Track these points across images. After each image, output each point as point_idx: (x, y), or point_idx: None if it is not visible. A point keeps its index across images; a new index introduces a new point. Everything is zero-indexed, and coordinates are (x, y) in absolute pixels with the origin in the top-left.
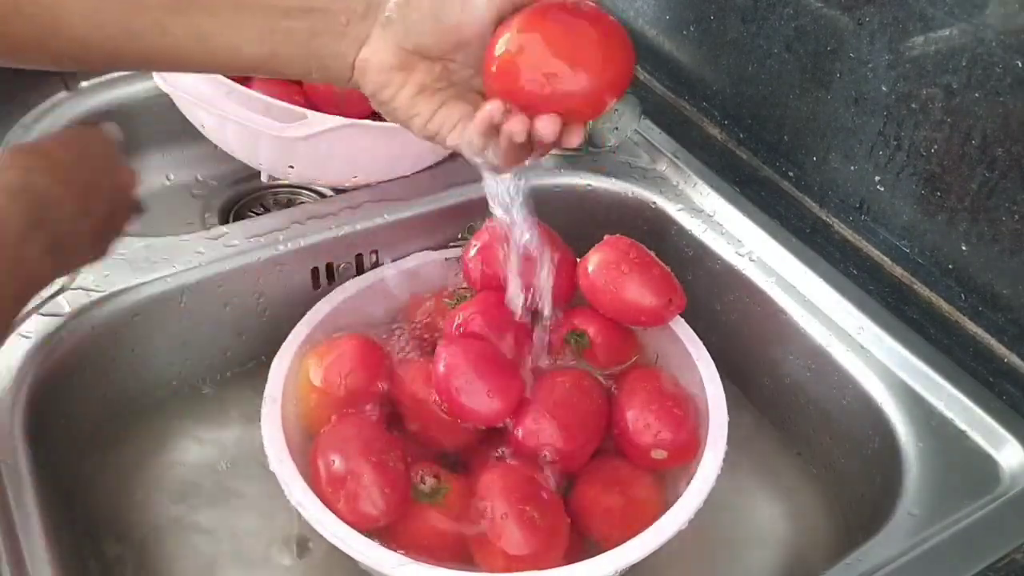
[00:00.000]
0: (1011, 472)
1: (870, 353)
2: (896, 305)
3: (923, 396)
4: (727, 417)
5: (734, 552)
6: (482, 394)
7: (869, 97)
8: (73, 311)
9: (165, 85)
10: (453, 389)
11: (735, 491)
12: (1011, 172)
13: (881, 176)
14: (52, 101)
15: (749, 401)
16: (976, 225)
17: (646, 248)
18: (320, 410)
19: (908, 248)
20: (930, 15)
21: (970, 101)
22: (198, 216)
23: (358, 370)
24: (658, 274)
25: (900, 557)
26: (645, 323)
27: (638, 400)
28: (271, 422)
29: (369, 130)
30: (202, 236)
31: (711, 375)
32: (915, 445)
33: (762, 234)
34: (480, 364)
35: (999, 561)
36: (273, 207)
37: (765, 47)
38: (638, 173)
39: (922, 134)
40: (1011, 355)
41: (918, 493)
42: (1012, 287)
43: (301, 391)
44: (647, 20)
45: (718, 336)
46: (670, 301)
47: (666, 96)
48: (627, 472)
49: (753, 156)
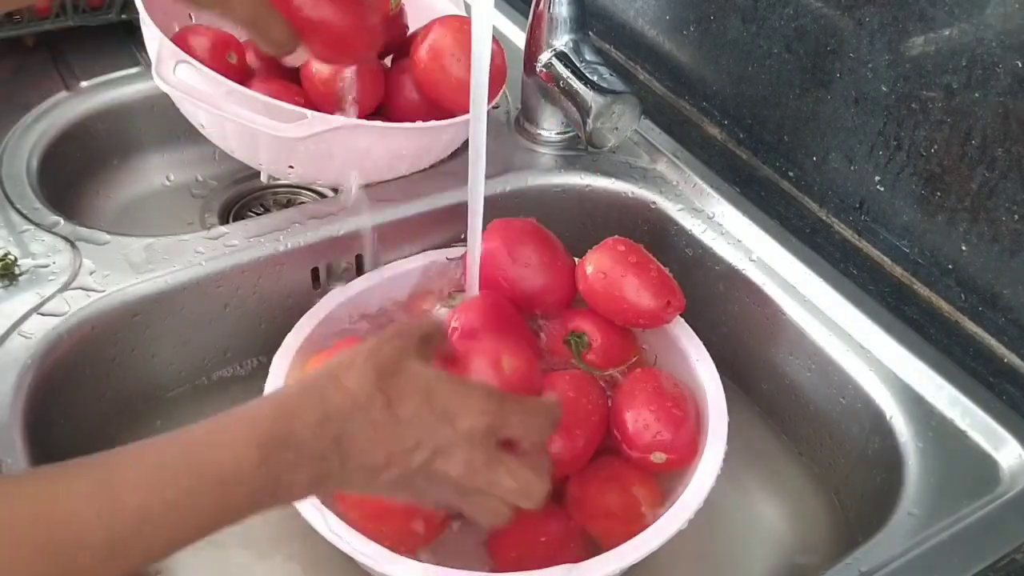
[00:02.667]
0: (1011, 472)
1: (870, 353)
2: (896, 305)
3: (923, 396)
4: (727, 417)
5: (734, 552)
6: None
7: (869, 97)
8: (73, 311)
9: (164, 85)
10: None
11: (735, 491)
12: (1011, 172)
13: (881, 176)
14: (52, 101)
15: (749, 401)
16: (976, 225)
17: (645, 249)
18: None
19: (908, 248)
20: (930, 15)
21: (970, 101)
22: (198, 216)
23: None
24: (656, 276)
25: (900, 557)
26: (644, 325)
27: (637, 401)
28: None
29: (369, 130)
30: (202, 236)
31: (711, 375)
32: (915, 445)
33: (762, 234)
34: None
35: (999, 561)
36: (273, 207)
37: (765, 47)
38: (638, 173)
39: (922, 134)
40: (1011, 355)
41: (918, 493)
42: (1012, 287)
43: None
44: (647, 20)
45: (718, 336)
46: (668, 303)
47: (666, 96)
48: (627, 472)
49: (753, 156)
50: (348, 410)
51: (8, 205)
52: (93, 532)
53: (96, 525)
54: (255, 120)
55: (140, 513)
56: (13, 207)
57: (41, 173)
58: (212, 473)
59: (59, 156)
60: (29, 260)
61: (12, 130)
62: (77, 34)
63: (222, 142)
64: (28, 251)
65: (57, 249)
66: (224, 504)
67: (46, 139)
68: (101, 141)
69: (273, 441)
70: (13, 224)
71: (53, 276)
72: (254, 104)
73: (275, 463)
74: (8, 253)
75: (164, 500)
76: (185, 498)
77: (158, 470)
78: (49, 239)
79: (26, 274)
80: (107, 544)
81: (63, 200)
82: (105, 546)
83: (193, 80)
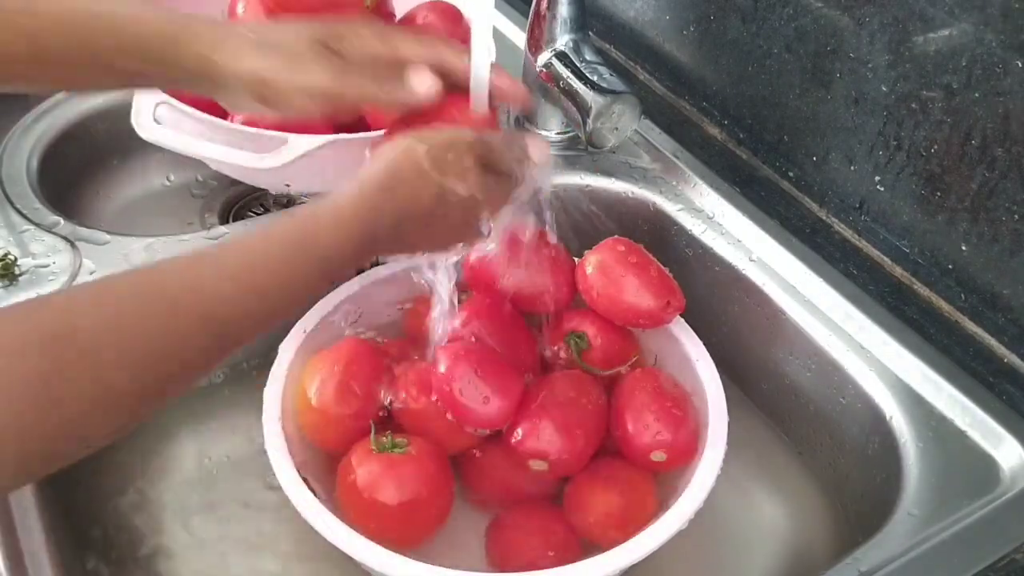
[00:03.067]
0: (1011, 472)
1: (870, 353)
2: (896, 305)
3: (923, 396)
4: (727, 417)
5: (734, 552)
6: (483, 397)
7: (869, 97)
8: None
9: (145, 135)
10: (455, 391)
11: (735, 491)
12: (1011, 172)
13: (881, 176)
14: (52, 101)
15: (749, 401)
16: (976, 225)
17: (644, 249)
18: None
19: (908, 248)
20: (930, 15)
21: (970, 101)
22: (198, 216)
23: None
24: (656, 276)
25: (900, 557)
26: (644, 325)
27: (637, 401)
28: (271, 422)
29: (351, 143)
30: (202, 236)
31: (711, 375)
32: (915, 445)
33: (762, 234)
34: (481, 366)
35: (999, 561)
36: (273, 207)
37: (765, 47)
38: (638, 173)
39: (922, 134)
40: (1011, 355)
41: (918, 493)
42: (1012, 287)
43: (299, 404)
44: (647, 20)
45: (718, 336)
46: (668, 303)
47: (666, 96)
48: (626, 472)
49: (753, 156)
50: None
51: (8, 205)
52: (232, 304)
53: (235, 298)
54: (237, 156)
55: (265, 289)
56: (13, 207)
57: (41, 173)
58: (316, 254)
59: (59, 156)
60: (29, 260)
61: (12, 130)
62: None
63: (218, 167)
64: (28, 251)
65: (57, 249)
66: (324, 274)
67: (46, 139)
68: (101, 141)
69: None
70: (13, 224)
71: (53, 276)
72: (236, 137)
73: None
74: (8, 253)
75: (281, 281)
76: (301, 279)
77: (282, 264)
78: (49, 239)
79: (26, 274)
80: (245, 313)
81: (63, 200)
82: (248, 319)
83: (176, 118)
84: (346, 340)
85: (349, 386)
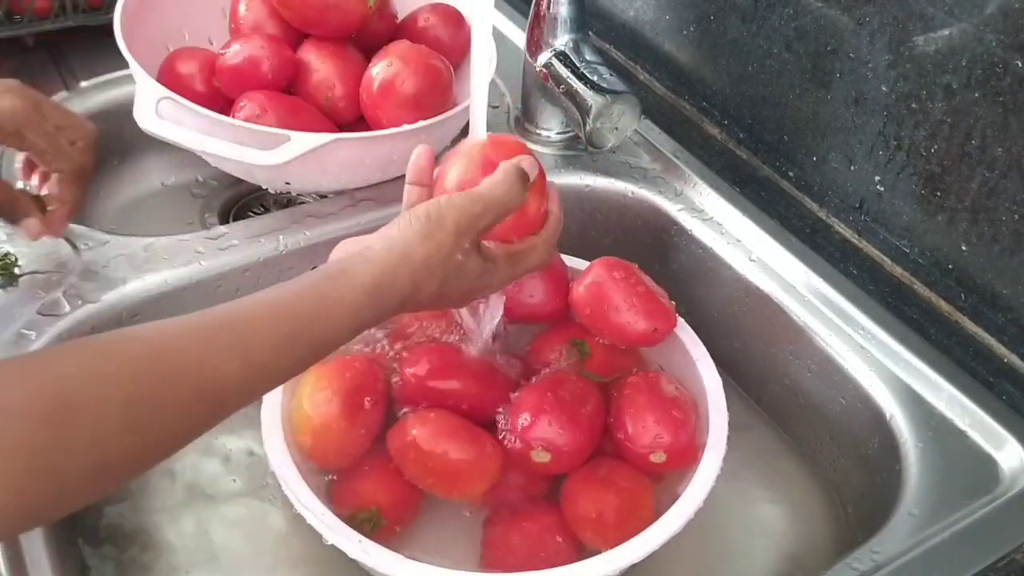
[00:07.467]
0: (1011, 472)
1: (870, 353)
2: (896, 305)
3: (923, 396)
4: (727, 417)
5: (734, 552)
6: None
7: (869, 97)
8: (73, 311)
9: (147, 128)
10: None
11: (735, 491)
12: (1011, 172)
13: (881, 176)
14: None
15: (750, 401)
16: (976, 225)
17: (636, 268)
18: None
19: (908, 248)
20: (930, 15)
21: (970, 101)
22: (198, 216)
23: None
24: (646, 299)
25: (900, 557)
26: (635, 345)
27: (638, 403)
28: (271, 421)
29: (353, 141)
30: (202, 236)
31: (711, 375)
32: (915, 445)
33: (762, 234)
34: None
35: (999, 561)
36: (273, 207)
37: (765, 47)
38: (638, 173)
39: (922, 134)
40: (1011, 355)
41: (918, 493)
42: (1012, 287)
43: (296, 417)
44: (647, 20)
45: (718, 337)
46: (655, 329)
47: (666, 96)
48: (625, 473)
49: (753, 156)
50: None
51: None
52: (232, 380)
53: (236, 375)
54: (239, 151)
55: (269, 367)
56: None
57: None
58: (323, 336)
59: None
60: (29, 260)
61: None
62: (77, 34)
63: (218, 164)
64: (28, 251)
65: (57, 249)
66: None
67: None
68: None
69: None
70: None
71: (53, 276)
72: (238, 133)
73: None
74: (8, 253)
75: (287, 360)
76: (308, 356)
77: (288, 340)
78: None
79: (26, 274)
80: (243, 389)
81: None
82: (243, 391)
83: (178, 113)
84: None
85: (345, 396)
